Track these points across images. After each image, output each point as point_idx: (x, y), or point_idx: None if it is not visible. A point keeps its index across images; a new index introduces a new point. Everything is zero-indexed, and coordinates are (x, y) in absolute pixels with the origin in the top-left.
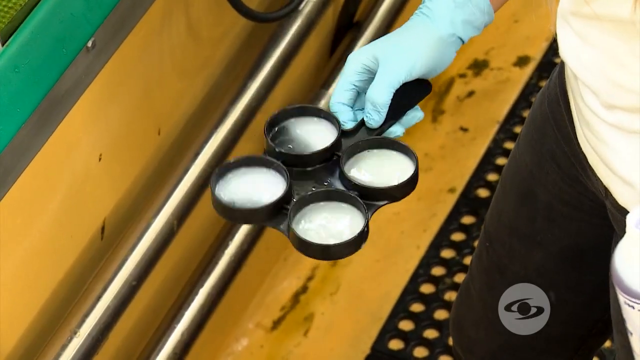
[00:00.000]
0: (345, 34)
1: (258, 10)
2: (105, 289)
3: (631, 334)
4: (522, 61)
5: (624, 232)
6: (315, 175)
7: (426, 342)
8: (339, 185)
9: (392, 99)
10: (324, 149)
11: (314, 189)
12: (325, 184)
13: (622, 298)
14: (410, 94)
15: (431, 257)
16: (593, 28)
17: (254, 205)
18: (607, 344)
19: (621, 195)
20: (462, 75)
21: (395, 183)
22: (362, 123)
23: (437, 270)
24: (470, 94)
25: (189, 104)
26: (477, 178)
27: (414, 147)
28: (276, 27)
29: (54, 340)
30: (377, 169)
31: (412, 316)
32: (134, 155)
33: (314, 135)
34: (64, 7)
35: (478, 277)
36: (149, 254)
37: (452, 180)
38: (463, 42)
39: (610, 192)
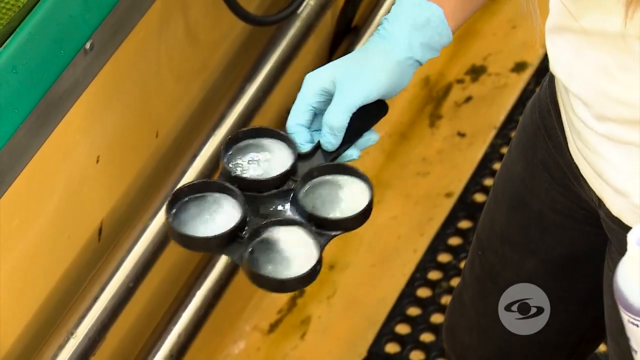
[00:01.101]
0: (343, 38)
1: (256, 13)
2: (102, 290)
3: (635, 352)
4: (519, 67)
5: (618, 241)
6: (271, 200)
7: (422, 346)
8: (293, 211)
9: (349, 122)
10: (279, 175)
11: (268, 216)
12: (280, 209)
13: (625, 316)
14: (367, 116)
15: (428, 261)
16: (583, 42)
17: (207, 234)
18: (602, 347)
19: (614, 204)
20: (460, 81)
21: (350, 214)
22: (318, 146)
23: (434, 274)
24: (468, 99)
25: (187, 106)
26: (474, 183)
27: (411, 153)
28: (274, 30)
29: (51, 340)
30: (333, 197)
31: (408, 320)
32: (131, 157)
33: (270, 157)
34: (62, 9)
35: (471, 284)
36: (146, 255)
37: (449, 184)
38: (420, 64)
39: (603, 202)
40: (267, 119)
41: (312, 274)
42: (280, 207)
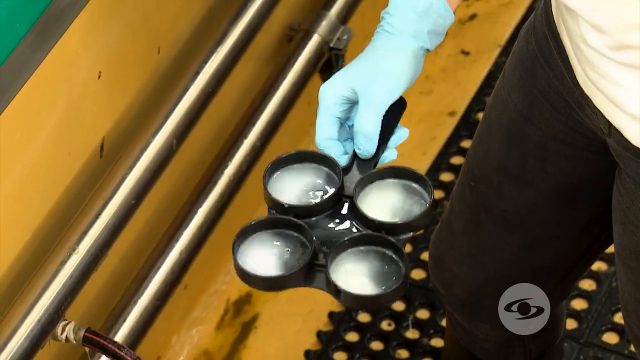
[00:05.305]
0: None
1: None
2: (104, 207)
3: None
4: None
5: (632, 168)
6: (327, 221)
7: (423, 265)
8: (353, 227)
9: None
10: (333, 194)
11: (333, 237)
12: (342, 227)
13: None
14: (391, 114)
15: (430, 180)
16: None
17: (284, 272)
18: (604, 267)
19: (632, 133)
20: None
21: (418, 212)
22: (354, 155)
23: (436, 194)
24: (473, 16)
25: (189, 22)
26: (478, 101)
27: None
28: None
29: (53, 256)
30: (391, 202)
31: (410, 239)
32: (133, 73)
33: (311, 179)
34: None
35: (461, 215)
36: (148, 172)
37: (452, 103)
38: (429, 51)
39: (614, 131)
40: (270, 34)
41: (403, 286)
42: (341, 225)
